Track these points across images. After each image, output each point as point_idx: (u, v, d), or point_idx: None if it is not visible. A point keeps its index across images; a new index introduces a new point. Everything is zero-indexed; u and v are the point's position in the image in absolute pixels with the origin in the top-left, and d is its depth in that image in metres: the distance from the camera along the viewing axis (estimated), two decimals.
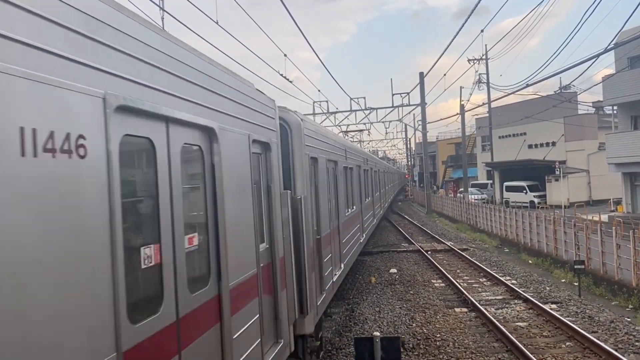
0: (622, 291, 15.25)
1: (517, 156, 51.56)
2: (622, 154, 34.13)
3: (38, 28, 2.47)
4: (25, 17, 2.40)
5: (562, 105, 39.60)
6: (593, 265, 17.71)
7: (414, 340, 11.59)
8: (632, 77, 33.02)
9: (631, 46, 27.02)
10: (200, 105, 4.29)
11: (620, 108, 36.75)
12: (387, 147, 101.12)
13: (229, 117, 4.96)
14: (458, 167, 66.57)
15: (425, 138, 53.59)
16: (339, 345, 11.34)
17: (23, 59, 2.34)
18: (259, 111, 6.07)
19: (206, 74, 4.54)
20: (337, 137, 15.10)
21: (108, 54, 3.01)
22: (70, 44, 2.68)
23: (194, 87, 4.21)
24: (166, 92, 3.67)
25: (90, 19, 2.87)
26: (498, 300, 15.16)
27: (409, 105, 46.79)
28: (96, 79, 2.86)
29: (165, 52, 3.77)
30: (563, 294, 15.57)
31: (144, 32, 3.48)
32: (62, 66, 2.60)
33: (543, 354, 10.42)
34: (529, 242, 24.60)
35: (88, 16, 2.86)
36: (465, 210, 39.14)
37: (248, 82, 5.89)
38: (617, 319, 12.70)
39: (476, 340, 11.59)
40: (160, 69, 3.65)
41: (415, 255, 24.24)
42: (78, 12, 2.78)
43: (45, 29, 2.52)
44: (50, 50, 2.53)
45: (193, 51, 4.38)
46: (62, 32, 2.64)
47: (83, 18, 2.81)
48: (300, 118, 8.26)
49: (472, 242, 29.08)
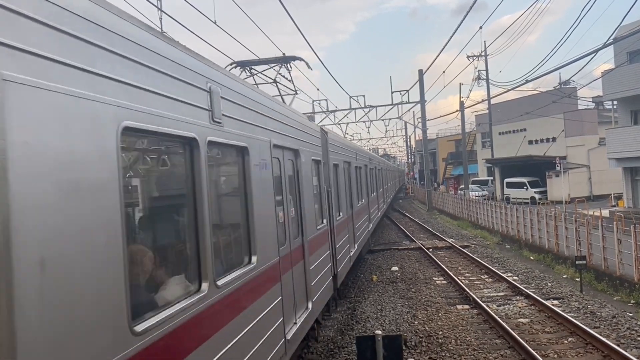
0: (624, 286, 15.24)
1: (517, 152, 51.53)
2: (623, 149, 34.09)
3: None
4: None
5: (561, 100, 39.54)
6: (594, 261, 17.69)
7: (416, 338, 11.58)
8: (631, 71, 32.97)
9: (630, 41, 26.98)
10: (292, 138, 7.91)
11: (620, 103, 36.70)
12: (387, 144, 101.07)
13: (304, 143, 8.73)
14: (458, 164, 66.54)
15: (425, 135, 53.58)
16: (341, 344, 11.32)
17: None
18: (313, 135, 9.89)
19: (293, 119, 8.20)
20: (349, 142, 19.61)
21: (255, 117, 6.03)
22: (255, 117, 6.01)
23: (291, 129, 7.88)
24: (286, 135, 7.48)
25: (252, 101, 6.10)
26: (500, 296, 15.15)
27: (409, 102, 46.81)
28: (265, 133, 6.29)
29: (288, 116, 7.84)
30: (565, 289, 15.56)
31: (287, 110, 7.94)
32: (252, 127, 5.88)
33: (545, 350, 10.41)
34: (530, 238, 24.58)
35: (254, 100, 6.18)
36: (466, 207, 39.13)
37: (312, 123, 9.84)
38: (619, 314, 12.68)
39: (478, 337, 11.58)
40: (285, 125, 7.49)
41: (417, 252, 24.23)
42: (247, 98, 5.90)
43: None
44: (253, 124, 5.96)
45: (293, 110, 8.85)
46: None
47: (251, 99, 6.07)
48: (325, 131, 12.02)
49: (474, 239, 29.06)
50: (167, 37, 4.23)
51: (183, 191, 4.41)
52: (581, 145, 47.71)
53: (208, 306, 4.14)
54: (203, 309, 4.04)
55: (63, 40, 2.69)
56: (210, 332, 4.20)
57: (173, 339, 3.52)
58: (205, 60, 4.89)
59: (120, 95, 3.11)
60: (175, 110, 3.84)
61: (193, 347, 3.86)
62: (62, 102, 2.61)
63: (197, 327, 3.96)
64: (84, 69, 2.82)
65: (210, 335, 4.19)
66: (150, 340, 3.20)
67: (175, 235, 4.60)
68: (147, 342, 3.16)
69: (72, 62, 2.71)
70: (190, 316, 3.79)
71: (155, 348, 3.25)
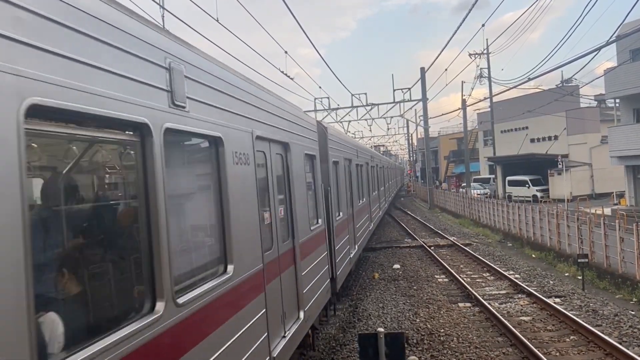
0: (626, 284, 15.23)
1: (519, 150, 51.46)
2: (625, 147, 34.04)
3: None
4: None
5: (564, 98, 39.50)
6: (596, 259, 17.68)
7: (418, 335, 11.58)
8: (634, 69, 32.90)
9: (633, 38, 26.93)
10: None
11: (622, 101, 36.64)
12: (388, 142, 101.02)
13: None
14: (460, 162, 66.50)
15: (427, 133, 53.51)
16: (343, 341, 11.34)
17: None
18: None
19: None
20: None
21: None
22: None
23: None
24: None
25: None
26: (502, 294, 15.15)
27: (411, 100, 46.76)
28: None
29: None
30: (567, 287, 15.55)
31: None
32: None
33: (547, 348, 10.41)
34: (532, 236, 24.57)
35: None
36: (467, 205, 39.09)
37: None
38: (621, 312, 12.68)
39: (480, 335, 11.58)
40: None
41: (419, 250, 24.23)
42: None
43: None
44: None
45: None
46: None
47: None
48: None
49: (475, 237, 29.04)
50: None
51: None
52: (583, 144, 47.62)
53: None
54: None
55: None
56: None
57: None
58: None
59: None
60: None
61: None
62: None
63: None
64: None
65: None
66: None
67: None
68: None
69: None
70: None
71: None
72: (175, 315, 3.58)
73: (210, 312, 4.23)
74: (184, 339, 3.75)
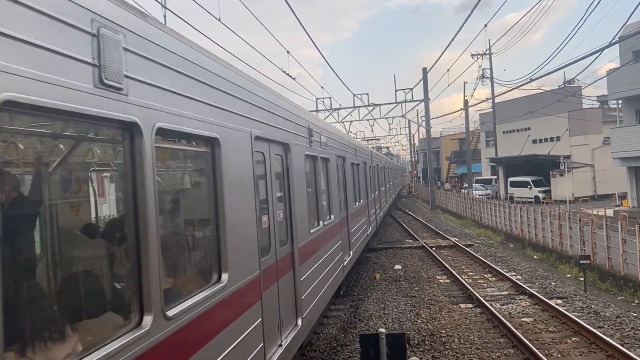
0: (628, 286, 15.18)
1: (521, 151, 51.40)
2: (627, 148, 33.96)
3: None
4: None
5: (566, 99, 39.45)
6: (599, 260, 17.62)
7: (419, 336, 11.55)
8: (636, 70, 32.84)
9: (636, 39, 26.87)
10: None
11: (625, 102, 36.57)
12: (390, 143, 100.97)
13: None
14: (462, 162, 66.41)
15: (429, 134, 53.47)
16: (344, 342, 11.31)
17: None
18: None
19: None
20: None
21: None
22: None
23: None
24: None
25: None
26: (503, 295, 15.11)
27: (413, 101, 46.76)
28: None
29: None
30: (568, 289, 15.51)
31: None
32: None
33: (549, 350, 10.38)
34: (534, 237, 24.52)
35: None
36: (469, 206, 39.05)
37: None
38: (623, 314, 12.64)
39: (481, 336, 11.55)
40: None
41: (420, 251, 24.19)
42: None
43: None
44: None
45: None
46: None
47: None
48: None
49: (477, 237, 29.00)
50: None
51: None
52: (585, 145, 47.55)
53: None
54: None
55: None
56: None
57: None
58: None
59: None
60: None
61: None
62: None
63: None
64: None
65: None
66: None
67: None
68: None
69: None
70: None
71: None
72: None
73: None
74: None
